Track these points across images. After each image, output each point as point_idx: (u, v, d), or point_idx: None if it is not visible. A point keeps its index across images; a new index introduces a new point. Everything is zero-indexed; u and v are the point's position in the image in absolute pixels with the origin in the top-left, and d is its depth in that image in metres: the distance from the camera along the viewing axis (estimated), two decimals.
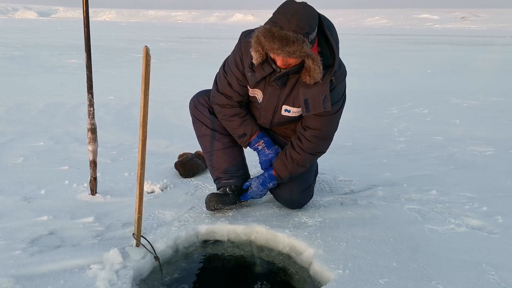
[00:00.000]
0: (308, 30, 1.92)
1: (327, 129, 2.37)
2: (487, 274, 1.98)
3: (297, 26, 1.89)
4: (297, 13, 1.91)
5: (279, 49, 1.90)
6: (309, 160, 2.45)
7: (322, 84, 2.12)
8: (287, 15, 1.90)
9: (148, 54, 1.87)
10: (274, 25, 1.91)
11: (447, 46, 24.63)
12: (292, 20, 1.89)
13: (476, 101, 6.96)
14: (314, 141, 2.37)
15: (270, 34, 1.90)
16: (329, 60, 2.12)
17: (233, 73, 2.35)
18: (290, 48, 1.89)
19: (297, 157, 2.41)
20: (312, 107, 2.18)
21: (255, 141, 2.52)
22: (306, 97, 2.17)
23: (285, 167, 2.45)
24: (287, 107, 2.34)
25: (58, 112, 5.34)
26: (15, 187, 2.87)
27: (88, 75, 2.55)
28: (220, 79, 2.45)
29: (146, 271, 2.05)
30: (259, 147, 2.54)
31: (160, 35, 31.83)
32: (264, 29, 1.93)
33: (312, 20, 1.96)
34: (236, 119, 2.48)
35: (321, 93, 2.14)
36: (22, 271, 1.90)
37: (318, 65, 2.03)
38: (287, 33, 1.87)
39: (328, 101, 2.15)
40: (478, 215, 2.61)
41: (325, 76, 2.11)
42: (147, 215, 2.51)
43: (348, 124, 5.21)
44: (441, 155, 3.93)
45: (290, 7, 1.94)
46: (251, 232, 2.44)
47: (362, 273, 1.96)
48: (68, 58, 12.23)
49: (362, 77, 9.95)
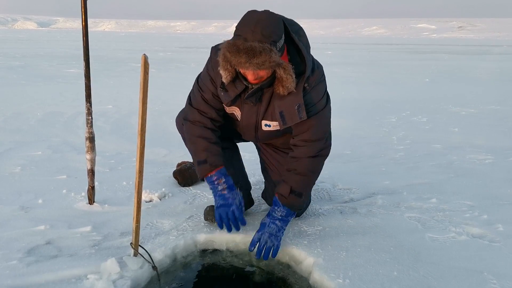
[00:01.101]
0: (275, 38, 1.83)
1: (315, 130, 2.19)
2: (488, 283, 1.96)
3: (262, 35, 1.79)
4: (260, 21, 1.81)
5: (247, 62, 1.79)
6: (309, 165, 2.23)
7: (296, 94, 2.03)
8: (250, 26, 1.80)
9: (147, 62, 1.86)
10: (238, 38, 1.82)
11: (445, 55, 24.77)
12: (256, 30, 1.79)
13: (475, 109, 6.98)
14: (305, 145, 2.21)
15: (235, 48, 1.80)
16: (300, 67, 2.02)
17: (208, 88, 2.22)
18: (258, 59, 1.78)
19: (295, 165, 2.24)
20: (288, 118, 2.08)
21: (216, 176, 2.26)
22: (281, 109, 2.07)
23: (285, 183, 2.24)
24: (267, 122, 2.22)
25: (57, 122, 5.33)
26: (12, 196, 2.85)
27: (86, 83, 2.55)
28: (194, 95, 2.30)
29: (143, 281, 2.03)
30: (218, 186, 2.26)
31: (159, 44, 31.98)
32: (228, 44, 1.84)
33: (277, 27, 1.87)
34: (202, 141, 2.26)
35: (295, 103, 2.04)
36: (18, 281, 1.88)
37: (290, 73, 1.94)
38: (252, 44, 1.77)
39: (302, 110, 2.05)
40: (478, 223, 2.59)
41: (298, 84, 2.02)
42: (145, 224, 2.49)
43: (346, 132, 5.22)
44: (440, 163, 3.93)
45: (252, 17, 1.84)
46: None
47: (362, 282, 1.94)
48: (67, 68, 12.25)
49: (360, 86, 9.98)
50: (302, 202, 2.29)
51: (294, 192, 2.23)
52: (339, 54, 24.10)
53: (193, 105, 2.29)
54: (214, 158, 2.25)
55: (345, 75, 12.31)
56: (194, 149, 2.30)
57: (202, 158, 2.25)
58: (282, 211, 2.26)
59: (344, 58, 20.60)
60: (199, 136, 2.26)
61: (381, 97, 8.17)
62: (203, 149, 2.25)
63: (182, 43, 37.10)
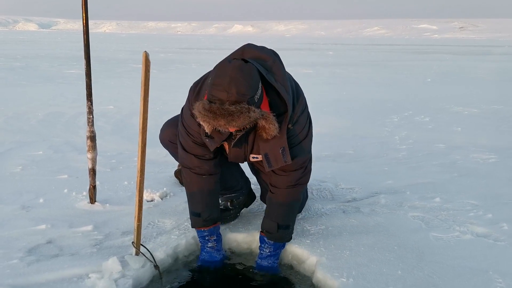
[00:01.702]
0: (251, 93, 1.73)
1: (295, 160, 2.07)
2: (494, 282, 1.94)
3: (238, 95, 1.69)
4: (233, 80, 1.70)
5: (226, 125, 1.73)
6: (290, 196, 2.19)
7: (279, 137, 1.95)
8: (223, 85, 1.70)
9: (148, 60, 1.85)
10: (213, 99, 1.71)
11: (446, 56, 24.74)
12: (231, 91, 1.69)
13: (477, 109, 6.95)
14: (284, 174, 2.14)
15: (212, 114, 1.71)
16: (281, 108, 1.93)
17: (196, 132, 2.10)
18: (237, 122, 1.71)
19: (277, 196, 2.19)
20: (273, 161, 2.01)
21: (209, 233, 2.25)
22: (265, 151, 2.01)
23: (270, 219, 2.20)
24: (254, 155, 2.14)
25: (58, 122, 5.32)
26: (13, 196, 2.84)
27: (87, 82, 2.54)
28: (185, 140, 2.17)
29: (145, 280, 2.01)
30: (208, 243, 2.26)
31: (160, 46, 32.00)
32: (204, 109, 1.72)
33: (252, 80, 1.76)
34: (199, 194, 2.22)
35: (279, 146, 1.97)
36: (19, 280, 1.86)
37: (272, 123, 1.85)
38: (229, 108, 1.68)
39: (287, 153, 1.98)
40: (483, 222, 2.57)
41: (282, 126, 1.92)
42: (147, 224, 2.47)
43: (348, 132, 5.20)
44: (443, 162, 3.90)
45: (224, 75, 1.72)
46: (252, 240, 2.40)
47: (366, 281, 1.92)
48: (68, 68, 12.25)
49: (362, 86, 9.96)
50: (291, 232, 2.25)
51: (281, 227, 2.18)
52: (340, 55, 24.09)
53: (187, 150, 2.18)
54: (209, 213, 2.22)
55: (347, 76, 12.30)
56: (190, 199, 2.27)
57: (197, 210, 2.23)
58: (269, 247, 2.22)
59: (345, 59, 20.58)
60: (198, 187, 2.21)
61: (382, 97, 8.15)
62: (199, 201, 2.22)
63: (183, 44, 37.12)
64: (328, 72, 13.25)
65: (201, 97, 1.92)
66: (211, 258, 2.26)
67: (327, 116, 6.08)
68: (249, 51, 1.98)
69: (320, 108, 6.56)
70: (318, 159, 3.87)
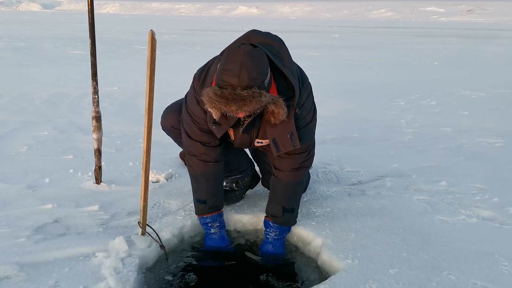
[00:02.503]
0: (262, 78, 1.72)
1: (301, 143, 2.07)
2: (499, 265, 1.94)
3: (249, 80, 1.68)
4: (244, 64, 1.69)
5: (238, 110, 1.71)
6: (295, 178, 2.19)
7: (287, 121, 1.93)
8: (234, 71, 1.68)
9: (154, 39, 1.82)
10: (224, 85, 1.70)
11: (454, 39, 24.41)
12: (242, 76, 1.68)
13: (485, 93, 6.88)
14: (289, 157, 2.15)
15: (223, 99, 1.69)
16: (288, 93, 1.92)
17: (202, 120, 2.09)
18: (249, 106, 1.69)
19: (282, 181, 2.19)
20: (281, 146, 2.00)
21: (212, 220, 2.25)
22: (273, 136, 2.00)
23: (275, 203, 2.21)
24: (259, 140, 2.14)
25: (62, 102, 5.31)
26: (19, 175, 2.85)
27: (92, 61, 2.51)
28: (190, 127, 2.15)
29: (151, 260, 2.03)
30: (211, 229, 2.26)
31: (164, 27, 31.71)
32: (215, 94, 1.71)
33: (262, 64, 1.75)
34: (205, 181, 2.21)
35: (287, 130, 1.96)
36: (26, 258, 1.88)
37: (282, 107, 1.83)
38: (241, 93, 1.67)
39: (295, 138, 1.98)
40: (489, 206, 2.56)
41: (289, 111, 1.91)
42: (152, 204, 2.48)
43: (354, 115, 5.17)
44: (449, 146, 3.88)
45: (235, 60, 1.71)
46: (258, 221, 2.40)
47: (371, 263, 1.92)
48: (72, 49, 12.19)
49: (368, 69, 9.86)
50: (295, 216, 2.26)
51: (287, 210, 2.19)
52: (346, 38, 23.80)
53: (193, 137, 2.16)
54: (214, 200, 2.24)
55: (353, 59, 12.17)
56: (195, 186, 2.26)
57: (203, 198, 2.23)
58: (275, 231, 2.22)
59: (351, 42, 20.35)
60: (203, 174, 2.21)
61: (389, 81, 8.07)
62: (205, 188, 2.22)
63: (187, 26, 36.78)
64: (334, 55, 13.12)
65: (207, 84, 1.90)
66: (215, 244, 2.25)
67: (332, 99, 6.03)
68: (254, 37, 1.95)
69: (326, 91, 6.51)
70: (323, 142, 3.85)
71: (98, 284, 1.72)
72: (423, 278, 1.82)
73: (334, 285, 1.75)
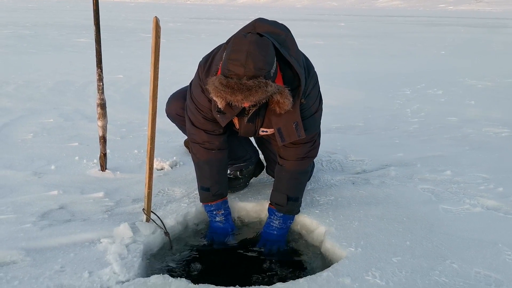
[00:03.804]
0: (268, 68, 1.71)
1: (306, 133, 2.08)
2: (503, 254, 1.94)
3: (255, 70, 1.66)
4: (250, 54, 1.67)
5: (243, 100, 1.70)
6: (300, 167, 2.21)
7: (293, 111, 1.93)
8: (240, 60, 1.66)
9: (158, 25, 1.81)
10: (229, 74, 1.68)
11: (461, 28, 24.10)
12: (248, 65, 1.66)
13: (491, 82, 6.81)
14: (294, 147, 2.15)
15: (229, 88, 1.67)
16: (294, 83, 1.91)
17: (207, 108, 2.08)
18: (255, 96, 1.68)
19: (287, 170, 2.19)
20: (286, 136, 2.00)
21: (216, 207, 2.26)
22: (278, 126, 2.00)
23: (279, 192, 2.22)
24: (264, 129, 2.14)
25: (68, 90, 5.32)
26: (25, 162, 2.87)
27: (97, 49, 2.51)
28: (194, 116, 2.14)
29: (156, 246, 2.04)
30: (216, 217, 2.26)
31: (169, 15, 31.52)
32: (221, 84, 1.69)
33: (269, 54, 1.73)
34: (208, 168, 2.22)
35: (292, 120, 1.96)
36: (32, 244, 1.90)
37: (287, 97, 1.82)
38: (247, 83, 1.66)
39: (300, 128, 1.97)
40: (493, 195, 2.55)
41: (295, 101, 1.90)
42: (157, 192, 2.50)
43: (359, 104, 5.14)
44: (455, 136, 3.86)
45: (241, 50, 1.69)
46: (262, 209, 2.41)
47: (374, 251, 1.93)
48: (77, 37, 12.16)
49: (374, 58, 9.78)
50: (299, 205, 2.27)
51: (291, 199, 2.20)
52: (352, 26, 23.57)
53: (197, 126, 2.16)
54: (218, 188, 2.24)
55: (359, 48, 12.06)
56: (199, 174, 2.27)
57: (206, 185, 2.24)
58: (279, 220, 2.22)
59: (358, 30, 20.16)
60: (206, 161, 2.21)
61: (395, 70, 8.00)
62: (209, 176, 2.23)
63: (192, 14, 36.53)
64: (340, 44, 13.01)
65: (212, 73, 1.89)
66: (220, 231, 2.26)
67: (338, 88, 6.00)
68: (261, 26, 1.93)
69: (331, 80, 6.47)
70: (328, 131, 3.84)
71: (103, 270, 1.74)
72: (426, 267, 1.82)
73: (337, 272, 1.76)
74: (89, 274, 1.71)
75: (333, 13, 49.59)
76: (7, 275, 1.69)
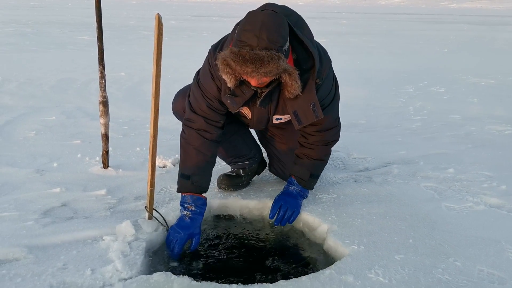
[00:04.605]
0: (282, 42, 1.69)
1: (327, 121, 2.16)
2: (506, 252, 1.93)
3: (269, 42, 1.64)
4: (265, 25, 1.65)
5: (254, 72, 1.66)
6: (323, 152, 2.29)
7: (309, 92, 1.92)
8: (254, 31, 1.64)
9: (160, 23, 1.81)
10: (242, 45, 1.66)
11: (464, 26, 24.00)
12: (262, 35, 1.63)
13: (494, 80, 6.79)
14: (319, 134, 2.20)
15: (240, 58, 1.64)
16: (308, 63, 1.89)
17: (213, 95, 2.05)
18: (265, 68, 1.65)
19: (310, 152, 2.26)
20: (303, 118, 1.98)
21: (190, 201, 2.10)
22: (294, 109, 1.97)
23: (303, 167, 2.28)
24: (278, 116, 2.14)
25: (70, 88, 5.33)
26: (27, 159, 2.87)
27: (99, 46, 2.51)
28: (198, 101, 2.10)
29: (158, 243, 2.04)
30: (184, 211, 2.09)
31: (171, 13, 31.48)
32: (232, 53, 1.67)
33: (283, 29, 1.71)
34: (196, 156, 2.11)
35: (309, 101, 1.94)
36: (35, 241, 1.90)
37: (296, 80, 1.80)
38: (259, 53, 1.63)
39: (318, 108, 1.94)
40: (497, 193, 2.54)
41: (309, 81, 1.90)
42: (159, 189, 2.49)
43: (362, 102, 5.13)
44: (458, 133, 3.84)
45: (255, 20, 1.68)
46: (264, 207, 2.41)
47: (377, 249, 1.92)
48: (79, 35, 12.17)
49: (376, 55, 9.75)
50: (317, 181, 2.40)
51: (313, 175, 2.32)
52: (354, 24, 23.50)
53: (197, 112, 2.11)
54: (199, 179, 2.12)
55: (361, 45, 12.04)
56: (183, 159, 2.14)
57: (187, 173, 2.11)
58: (298, 189, 2.32)
59: (360, 28, 20.09)
60: (196, 148, 2.11)
61: (398, 67, 7.98)
62: (194, 164, 2.11)
63: (194, 12, 36.47)
64: (342, 42, 12.97)
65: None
66: (181, 228, 2.02)
67: (340, 85, 5.94)
68: (272, 7, 1.90)
69: None
70: None
71: (105, 267, 1.74)
72: (429, 264, 1.82)
73: (339, 270, 1.76)
74: (92, 271, 1.71)
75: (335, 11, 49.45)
76: (10, 272, 1.69)
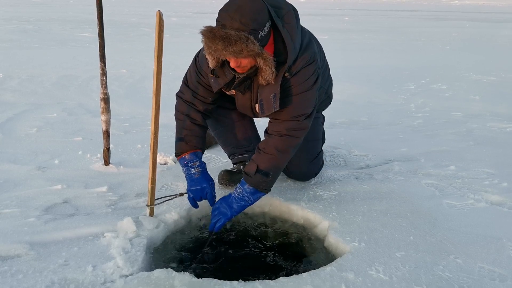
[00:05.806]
0: (254, 26, 1.75)
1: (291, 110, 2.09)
2: (507, 249, 1.93)
3: (240, 23, 1.72)
4: (240, 9, 1.74)
5: (223, 50, 1.75)
6: (280, 144, 2.12)
7: (274, 84, 1.97)
8: (229, 12, 1.75)
9: (161, 19, 1.80)
10: (217, 24, 1.78)
11: (466, 23, 23.91)
12: (235, 17, 1.73)
13: (496, 77, 6.77)
14: (278, 122, 2.13)
15: (211, 34, 1.75)
16: (281, 56, 1.93)
17: (205, 72, 2.14)
18: (234, 47, 1.73)
19: (264, 144, 2.16)
20: (266, 107, 2.04)
21: (191, 159, 2.18)
22: (261, 97, 2.04)
23: (253, 161, 2.14)
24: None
25: (71, 85, 5.33)
26: (29, 156, 2.88)
27: (100, 43, 2.51)
28: (191, 76, 2.24)
29: (159, 240, 2.05)
30: (191, 169, 2.17)
31: (172, 10, 31.43)
32: (206, 30, 1.77)
33: (259, 15, 1.78)
34: (187, 120, 2.23)
35: (271, 92, 1.99)
36: (36, 237, 1.91)
37: (270, 65, 1.86)
38: (228, 32, 1.71)
39: (277, 100, 1.99)
40: (498, 190, 2.54)
41: (278, 74, 1.95)
42: (160, 186, 2.50)
43: (363, 99, 5.12)
44: (459, 131, 3.84)
45: (233, 3, 1.78)
46: (265, 204, 2.41)
47: (378, 246, 1.92)
48: (80, 32, 12.16)
49: (378, 52, 9.73)
50: (269, 182, 2.14)
51: (260, 171, 2.10)
52: (356, 21, 23.43)
53: (189, 85, 2.26)
54: (193, 139, 2.22)
55: (363, 42, 12.00)
56: (177, 125, 2.27)
57: (181, 135, 2.23)
58: (240, 188, 2.13)
59: (362, 25, 20.04)
60: (186, 113, 2.24)
61: (399, 64, 7.96)
62: (186, 127, 2.23)
63: (196, 8, 36.39)
64: (344, 38, 12.94)
65: None
66: (198, 184, 2.14)
67: (342, 82, 5.96)
68: None
69: (335, 74, 6.37)
70: (332, 125, 3.83)
71: (106, 264, 1.74)
72: (429, 262, 1.82)
73: (340, 267, 1.76)
74: (93, 268, 1.71)
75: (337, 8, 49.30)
76: (12, 269, 1.70)
